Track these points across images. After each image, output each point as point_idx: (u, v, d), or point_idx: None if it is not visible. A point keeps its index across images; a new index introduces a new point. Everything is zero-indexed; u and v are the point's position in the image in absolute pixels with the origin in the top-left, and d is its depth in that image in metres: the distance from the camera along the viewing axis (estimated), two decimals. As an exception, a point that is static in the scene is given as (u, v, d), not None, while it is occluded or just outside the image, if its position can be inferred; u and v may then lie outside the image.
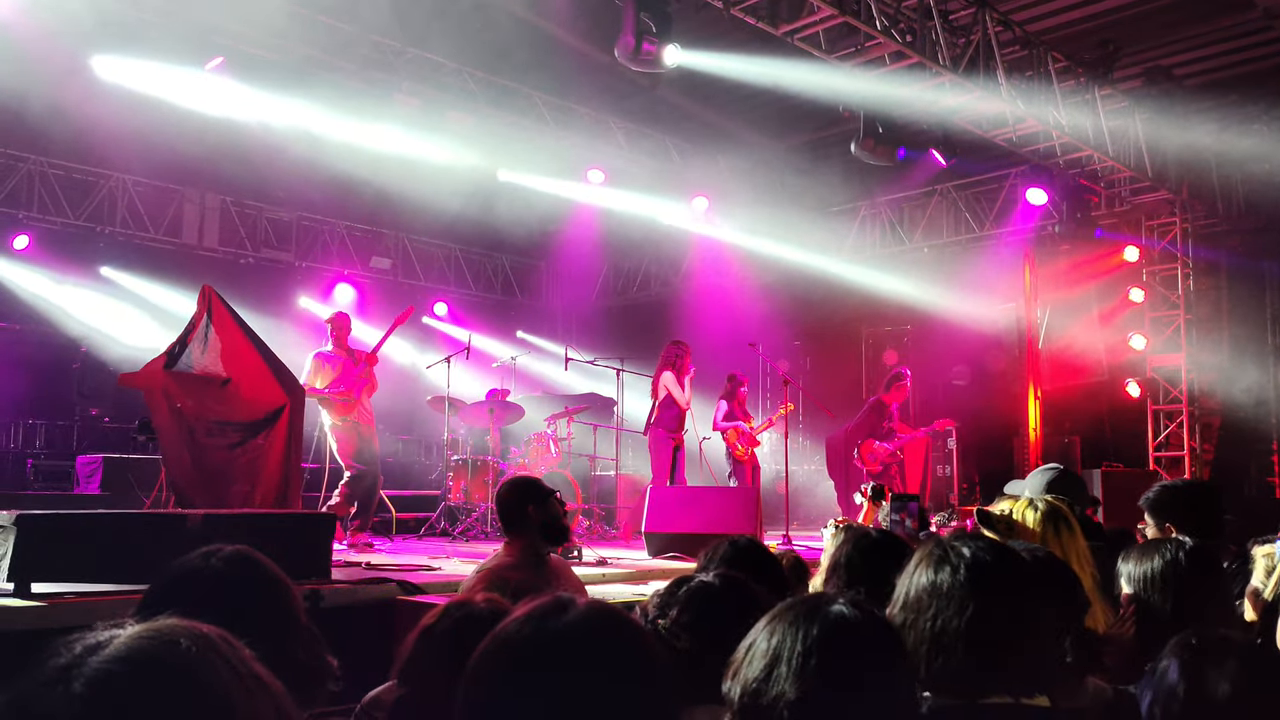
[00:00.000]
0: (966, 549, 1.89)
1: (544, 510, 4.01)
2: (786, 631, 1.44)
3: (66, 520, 4.95)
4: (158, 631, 1.12)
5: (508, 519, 4.10)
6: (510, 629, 1.30)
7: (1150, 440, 11.18)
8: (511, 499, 4.09)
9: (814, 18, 7.87)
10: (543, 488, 4.18)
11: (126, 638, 1.10)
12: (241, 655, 1.15)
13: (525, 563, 3.94)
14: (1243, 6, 9.22)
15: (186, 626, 1.14)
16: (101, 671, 1.05)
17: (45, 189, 11.52)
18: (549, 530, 4.03)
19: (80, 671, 1.05)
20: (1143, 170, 10.44)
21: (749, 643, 1.48)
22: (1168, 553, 2.61)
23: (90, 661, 1.06)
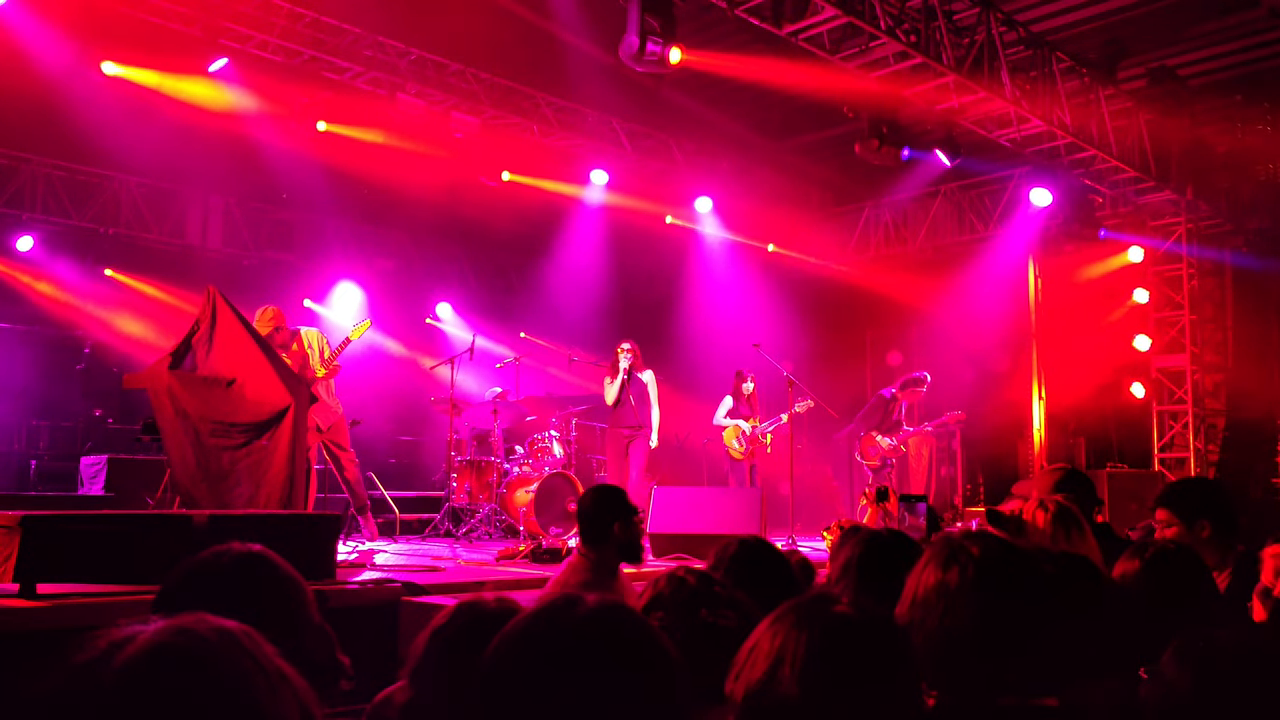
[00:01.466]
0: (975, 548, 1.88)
1: (628, 529, 4.02)
2: (790, 632, 1.43)
3: (72, 522, 4.95)
4: (184, 627, 1.12)
5: (591, 531, 4.06)
6: (522, 626, 1.30)
7: (1155, 441, 11.17)
8: (597, 511, 4.06)
9: (818, 18, 7.86)
10: (629, 503, 4.15)
11: (153, 633, 1.10)
12: (266, 651, 1.15)
13: (600, 579, 3.95)
14: (1248, 5, 9.21)
15: (212, 623, 1.14)
16: (130, 666, 1.05)
17: (49, 190, 11.53)
18: (628, 549, 4.05)
19: (109, 666, 1.05)
20: (1147, 170, 10.42)
21: (752, 643, 1.48)
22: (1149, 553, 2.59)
23: (118, 657, 1.06)
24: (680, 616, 1.81)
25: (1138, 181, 10.71)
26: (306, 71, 9.83)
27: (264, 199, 12.99)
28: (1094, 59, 9.77)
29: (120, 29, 8.85)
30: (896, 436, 10.18)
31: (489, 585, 5.85)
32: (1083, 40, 9.87)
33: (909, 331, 13.12)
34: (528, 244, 14.78)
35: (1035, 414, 11.45)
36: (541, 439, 9.49)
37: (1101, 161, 10.20)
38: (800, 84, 8.86)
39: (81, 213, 11.70)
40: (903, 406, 10.33)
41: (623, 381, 9.26)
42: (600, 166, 12.34)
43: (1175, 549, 2.59)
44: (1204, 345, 11.18)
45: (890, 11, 8.05)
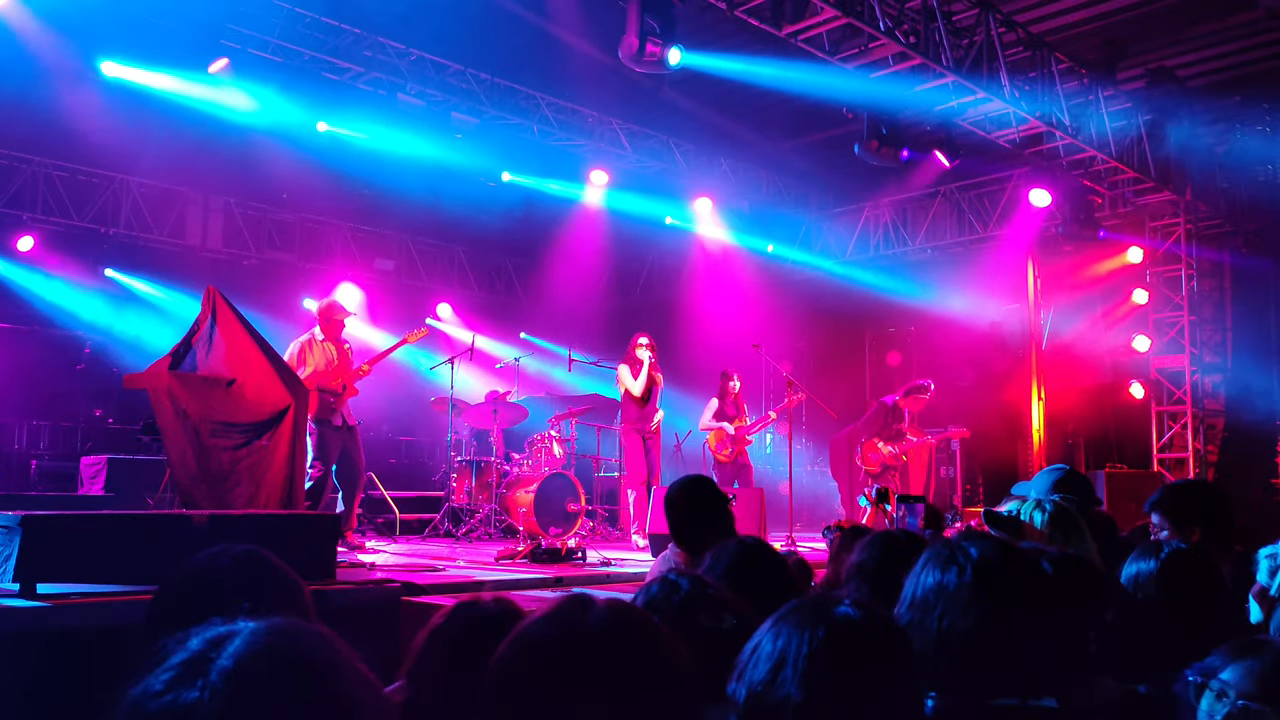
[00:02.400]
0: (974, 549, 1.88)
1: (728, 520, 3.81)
2: (792, 633, 1.43)
3: (72, 521, 4.96)
4: (284, 629, 1.13)
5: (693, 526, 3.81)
6: (533, 629, 1.31)
7: (1154, 442, 11.18)
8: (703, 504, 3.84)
9: (817, 19, 7.87)
10: (724, 494, 3.94)
11: (254, 634, 1.10)
12: (352, 655, 1.17)
13: None
14: (1246, 7, 9.21)
15: (305, 625, 1.16)
16: (237, 667, 1.06)
17: (50, 190, 11.54)
18: None
19: (212, 667, 1.06)
20: (1146, 171, 10.43)
21: (754, 644, 1.48)
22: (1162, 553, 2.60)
23: (220, 657, 1.07)
24: (675, 621, 1.81)
25: (1137, 182, 10.72)
26: (307, 71, 9.84)
27: (264, 199, 13.01)
28: (1093, 60, 9.78)
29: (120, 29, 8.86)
30: (899, 445, 10.13)
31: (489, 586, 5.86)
32: (1081, 41, 9.88)
33: (908, 332, 13.13)
34: (527, 244, 14.81)
35: (1034, 414, 11.45)
36: (541, 439, 9.49)
37: (1101, 162, 10.20)
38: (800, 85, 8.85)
39: (82, 213, 11.72)
40: (906, 415, 10.29)
41: (649, 375, 9.12)
42: (600, 167, 12.36)
43: (1190, 550, 2.59)
44: (1203, 346, 11.18)
45: (889, 12, 8.05)
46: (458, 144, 11.01)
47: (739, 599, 1.93)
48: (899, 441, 10.17)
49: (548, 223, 13.67)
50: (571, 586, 5.96)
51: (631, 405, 9.15)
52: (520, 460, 9.42)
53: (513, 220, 13.01)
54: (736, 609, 1.87)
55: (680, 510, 3.85)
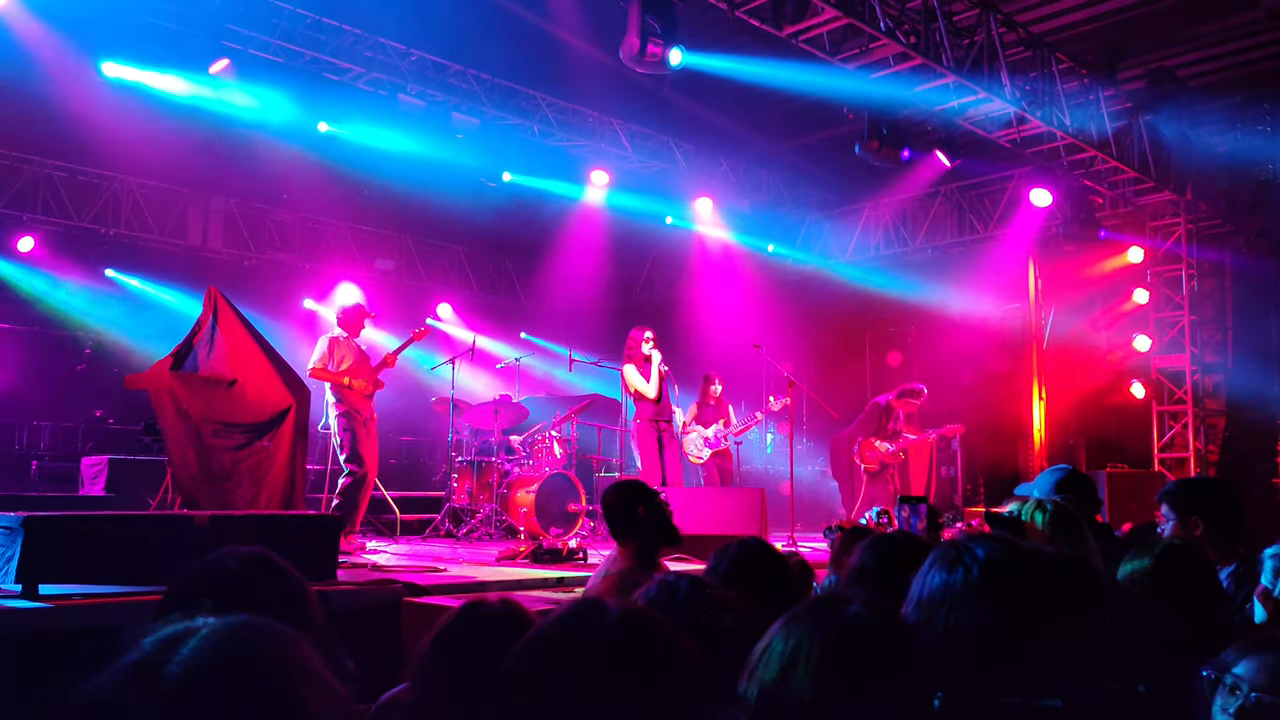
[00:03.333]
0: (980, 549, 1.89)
1: (655, 511, 4.03)
2: (804, 633, 1.44)
3: (74, 522, 4.96)
4: (238, 629, 1.12)
5: (620, 523, 4.09)
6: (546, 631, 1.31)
7: (1155, 441, 11.18)
8: (621, 502, 4.09)
9: (818, 19, 7.87)
10: (650, 489, 4.20)
11: (208, 634, 1.09)
12: (311, 656, 1.16)
13: (643, 565, 3.95)
14: (1247, 6, 9.21)
15: (262, 625, 1.15)
16: (187, 668, 1.05)
17: (50, 191, 11.55)
18: (661, 531, 4.05)
19: (164, 668, 1.05)
20: (1146, 171, 10.43)
21: (765, 644, 1.48)
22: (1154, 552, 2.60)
23: (173, 657, 1.06)
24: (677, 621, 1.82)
25: (1137, 182, 10.72)
26: (307, 72, 9.84)
27: (265, 200, 13.02)
28: (1093, 60, 9.78)
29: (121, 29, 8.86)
30: (897, 444, 10.20)
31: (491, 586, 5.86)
32: (1082, 41, 9.88)
33: (909, 332, 13.13)
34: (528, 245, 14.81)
35: (1035, 414, 11.46)
36: (541, 439, 9.49)
37: (1101, 162, 10.20)
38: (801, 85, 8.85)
39: (83, 213, 11.73)
40: (900, 415, 10.34)
41: (660, 372, 8.92)
42: (601, 167, 12.36)
43: (1183, 546, 2.59)
44: (1204, 346, 11.19)
45: (890, 13, 8.06)
46: (458, 144, 11.00)
47: (740, 598, 1.94)
48: (896, 440, 10.22)
49: (548, 223, 13.68)
50: (573, 587, 5.96)
51: (646, 403, 8.92)
52: (520, 460, 9.42)
53: (513, 220, 13.02)
54: (736, 608, 1.87)
55: (614, 512, 4.11)
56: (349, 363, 7.96)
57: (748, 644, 1.51)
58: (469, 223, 13.31)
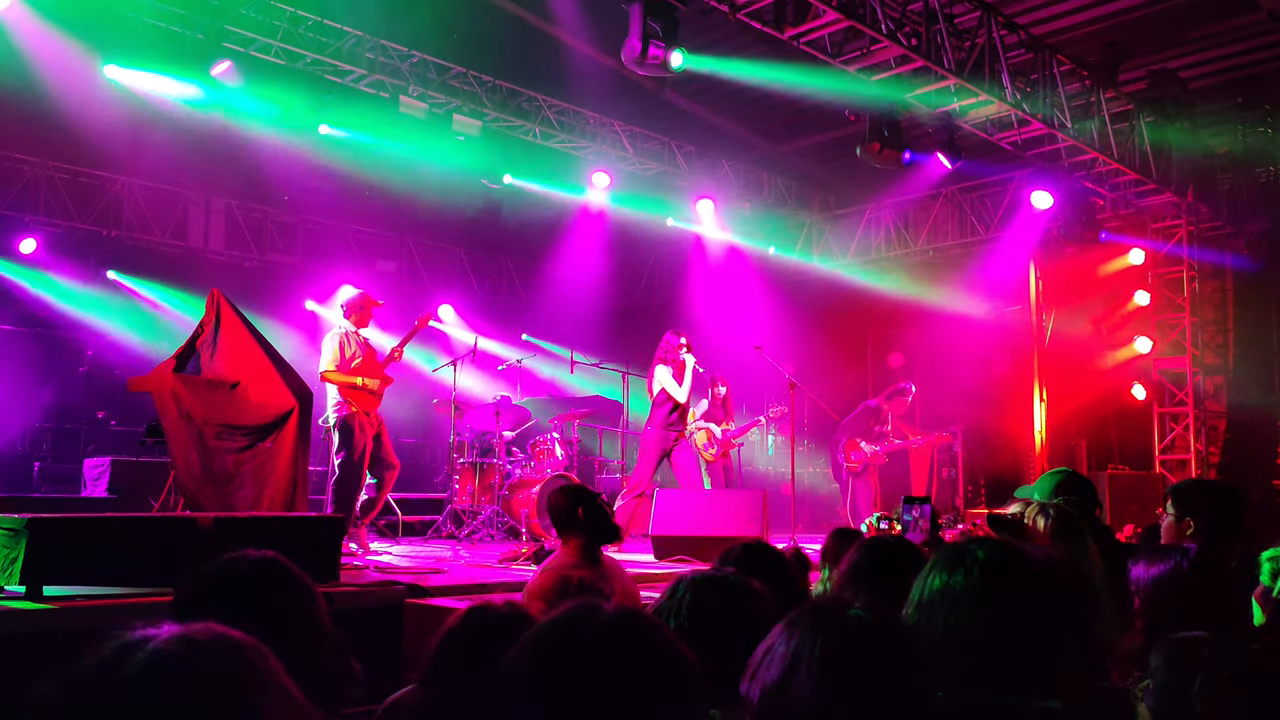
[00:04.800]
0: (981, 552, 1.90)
1: (593, 511, 4.29)
2: (806, 635, 1.45)
3: (78, 524, 4.98)
4: (195, 638, 1.13)
5: (561, 522, 4.35)
6: (541, 633, 1.32)
7: (1156, 443, 11.19)
8: (563, 503, 4.36)
9: (819, 22, 7.88)
10: (589, 491, 4.51)
11: (163, 642, 1.11)
12: (273, 667, 1.17)
13: (584, 561, 4.22)
14: (1248, 9, 9.23)
15: (222, 634, 1.15)
16: (138, 674, 1.07)
17: (52, 192, 11.58)
18: (600, 529, 4.30)
19: (117, 673, 1.07)
20: (1148, 173, 10.44)
21: (768, 644, 1.50)
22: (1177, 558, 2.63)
23: (127, 663, 1.08)
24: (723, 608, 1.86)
25: (1139, 184, 10.73)
26: (309, 74, 9.86)
27: (266, 201, 13.04)
28: (1095, 62, 9.80)
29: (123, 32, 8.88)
30: (880, 445, 10.28)
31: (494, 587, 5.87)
32: (1083, 43, 9.90)
33: (910, 333, 13.14)
34: (530, 246, 14.82)
35: (1036, 416, 11.47)
36: (543, 441, 9.50)
37: (1102, 164, 10.21)
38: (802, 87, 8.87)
39: (84, 215, 11.76)
40: (889, 418, 10.39)
41: (695, 373, 8.79)
42: (602, 169, 12.37)
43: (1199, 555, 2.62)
44: (1205, 347, 11.20)
45: (891, 15, 8.07)
46: (459, 146, 11.02)
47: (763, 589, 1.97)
48: (881, 441, 10.29)
49: (550, 225, 13.69)
50: (575, 588, 5.97)
51: (663, 409, 8.80)
52: (522, 462, 9.43)
53: (515, 222, 13.03)
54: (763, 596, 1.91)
55: (557, 512, 4.37)
56: (359, 360, 7.84)
57: None
58: (470, 225, 13.32)
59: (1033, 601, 1.87)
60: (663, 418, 8.79)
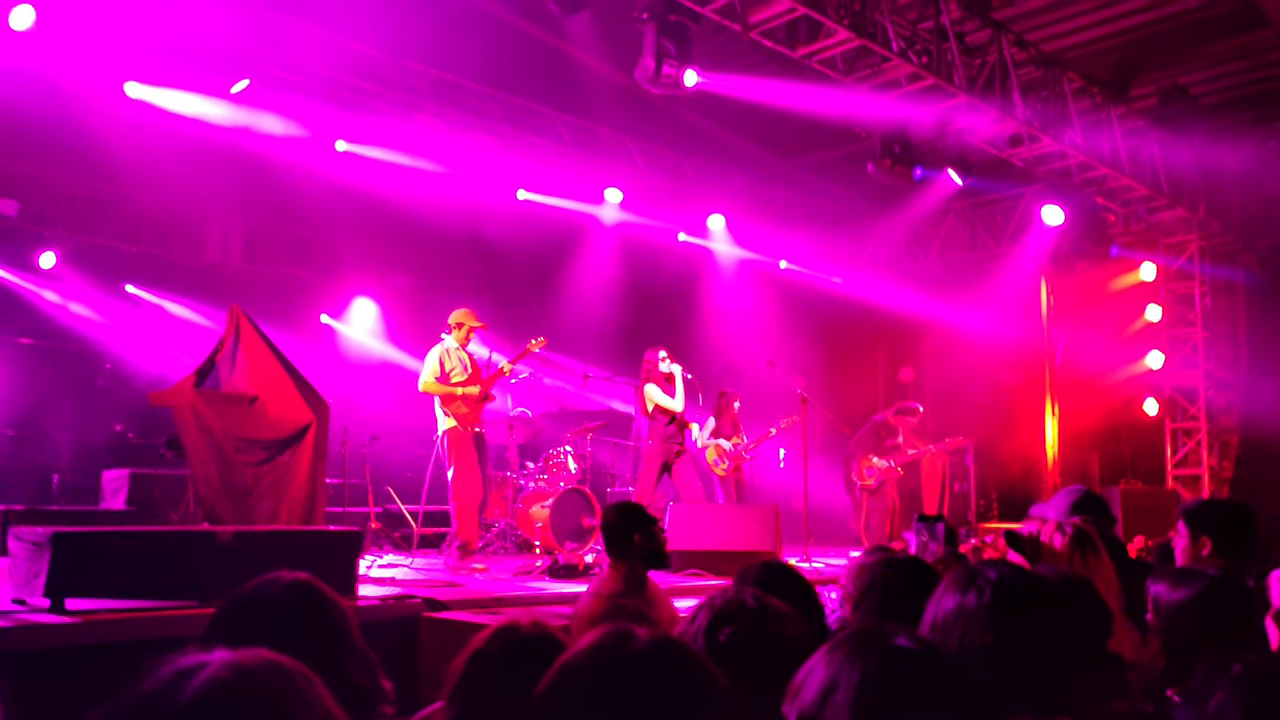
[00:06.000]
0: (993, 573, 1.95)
1: (649, 538, 4.25)
2: (845, 660, 1.46)
3: (101, 538, 5.05)
4: (246, 665, 1.17)
5: (614, 544, 4.31)
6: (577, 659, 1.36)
7: (1168, 458, 11.18)
8: (619, 525, 4.32)
9: (831, 40, 7.95)
10: (647, 515, 4.41)
11: (217, 669, 1.15)
12: (320, 694, 1.21)
13: (632, 588, 4.17)
14: (1258, 25, 9.26)
15: (273, 662, 1.20)
16: (193, 701, 1.11)
17: (72, 207, 11.70)
18: (653, 557, 4.27)
19: (172, 699, 1.11)
20: (1159, 188, 10.47)
21: (808, 668, 1.52)
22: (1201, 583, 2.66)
23: (181, 691, 1.12)
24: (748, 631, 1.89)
25: (1150, 199, 10.76)
26: (327, 92, 9.97)
27: (283, 216, 13.14)
28: (1105, 79, 9.84)
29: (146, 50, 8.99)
30: (895, 459, 10.27)
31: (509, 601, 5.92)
32: (1094, 60, 9.93)
33: (921, 347, 13.16)
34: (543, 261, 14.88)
35: (1048, 430, 11.47)
36: (556, 454, 9.54)
37: (1113, 180, 10.25)
38: (813, 104, 8.93)
39: (104, 230, 11.87)
40: (899, 431, 10.39)
41: (685, 381, 8.94)
42: (615, 184, 12.45)
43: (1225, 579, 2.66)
44: (1217, 362, 11.19)
45: (902, 33, 8.14)
46: (474, 162, 11.12)
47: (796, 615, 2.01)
48: (893, 455, 10.27)
49: (562, 239, 13.76)
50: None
51: (660, 422, 8.93)
52: (535, 475, 9.48)
53: (528, 237, 13.10)
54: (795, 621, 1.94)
55: (612, 532, 4.33)
56: (459, 374, 8.14)
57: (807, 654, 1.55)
58: (484, 239, 13.41)
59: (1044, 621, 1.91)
60: (661, 431, 8.93)
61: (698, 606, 2.07)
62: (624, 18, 7.87)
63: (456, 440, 7.94)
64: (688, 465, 9.00)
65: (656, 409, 8.95)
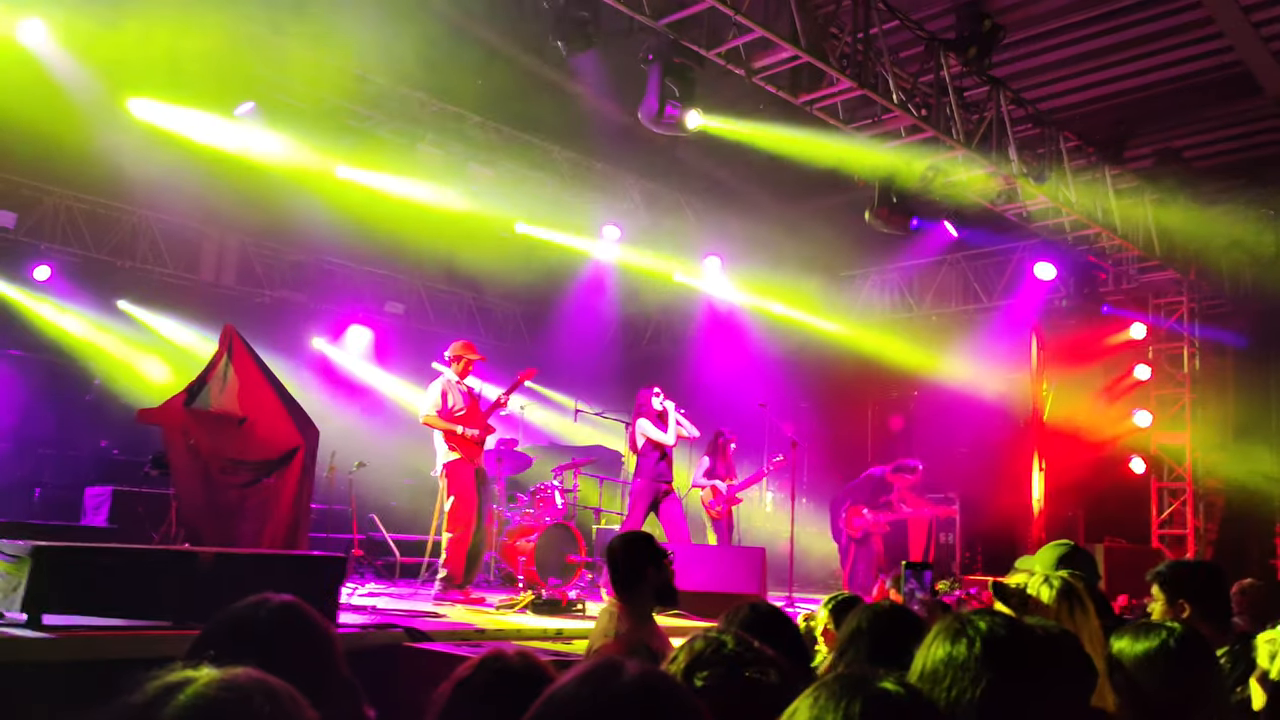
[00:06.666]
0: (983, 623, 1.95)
1: (662, 573, 4.06)
2: (829, 701, 1.45)
3: (82, 553, 5.00)
4: (233, 683, 1.17)
5: (624, 578, 4.10)
6: (567, 690, 1.36)
7: (1154, 517, 11.19)
8: (630, 558, 4.10)
9: (833, 89, 8.06)
10: (659, 548, 4.20)
11: (203, 685, 1.15)
12: (307, 715, 1.21)
13: (636, 624, 3.97)
14: (1252, 93, 9.42)
15: (259, 681, 1.20)
16: (179, 716, 1.11)
17: (69, 222, 11.72)
18: (664, 592, 4.09)
19: (158, 713, 1.11)
20: (1151, 249, 10.57)
21: (793, 708, 1.51)
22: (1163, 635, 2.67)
23: (169, 704, 1.12)
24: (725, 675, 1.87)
25: (1142, 259, 10.86)
26: (330, 118, 10.04)
27: (279, 239, 13.19)
28: (1101, 139, 9.97)
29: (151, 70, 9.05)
30: (883, 514, 10.25)
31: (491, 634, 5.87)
32: (1090, 120, 10.09)
33: (911, 397, 13.19)
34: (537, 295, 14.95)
35: (1035, 485, 11.49)
36: (543, 488, 9.51)
37: (1106, 238, 10.35)
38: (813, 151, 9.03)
39: (100, 245, 11.90)
40: (895, 489, 10.37)
41: (678, 417, 9.02)
42: (613, 222, 12.52)
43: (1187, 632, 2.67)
44: (1205, 424, 11.23)
45: (903, 86, 8.25)
46: (473, 194, 11.18)
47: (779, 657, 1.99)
48: (885, 511, 10.25)
49: (558, 274, 13.82)
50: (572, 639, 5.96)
51: (649, 459, 8.99)
52: (521, 508, 9.44)
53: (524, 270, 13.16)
54: (778, 665, 1.93)
55: (620, 566, 4.10)
56: (461, 410, 8.07)
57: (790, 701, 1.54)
58: (480, 271, 13.46)
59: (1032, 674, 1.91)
60: (650, 468, 8.97)
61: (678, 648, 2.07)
62: (629, 57, 7.97)
63: (458, 473, 7.89)
64: (675, 504, 9.02)
65: (648, 444, 9.01)
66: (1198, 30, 8.72)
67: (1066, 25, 8.93)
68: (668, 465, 9.02)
